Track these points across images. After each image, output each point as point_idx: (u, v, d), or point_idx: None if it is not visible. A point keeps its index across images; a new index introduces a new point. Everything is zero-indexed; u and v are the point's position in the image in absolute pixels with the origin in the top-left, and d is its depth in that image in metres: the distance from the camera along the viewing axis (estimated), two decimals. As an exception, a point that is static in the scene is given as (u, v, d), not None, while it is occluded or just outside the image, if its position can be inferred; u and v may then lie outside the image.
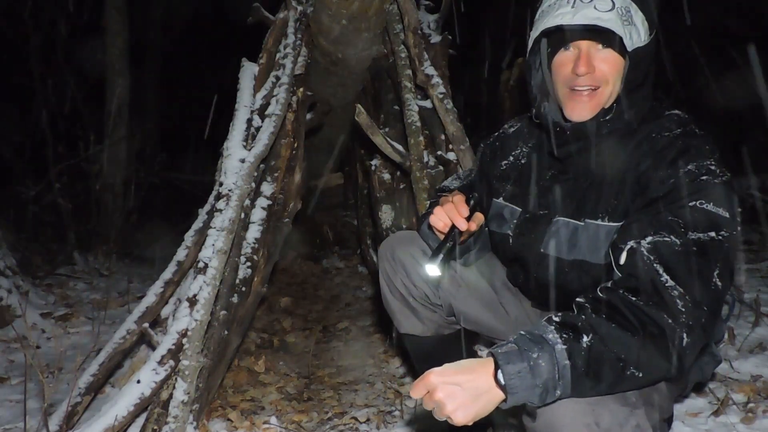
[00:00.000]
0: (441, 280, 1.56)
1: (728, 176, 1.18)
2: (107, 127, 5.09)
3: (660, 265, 1.09)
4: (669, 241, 1.11)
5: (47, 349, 2.78)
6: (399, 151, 2.56)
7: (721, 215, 1.13)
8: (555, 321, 1.06)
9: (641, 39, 1.22)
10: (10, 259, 3.34)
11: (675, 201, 1.16)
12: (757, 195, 3.86)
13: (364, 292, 3.60)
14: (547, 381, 1.00)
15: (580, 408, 1.04)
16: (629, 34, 1.20)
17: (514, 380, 1.00)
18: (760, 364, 2.02)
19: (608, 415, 1.04)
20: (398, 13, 2.77)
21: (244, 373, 2.43)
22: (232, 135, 2.37)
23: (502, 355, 1.01)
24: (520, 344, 1.02)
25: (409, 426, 1.93)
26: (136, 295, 3.40)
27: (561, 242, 1.35)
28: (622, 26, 1.19)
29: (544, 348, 1.01)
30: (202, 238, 2.23)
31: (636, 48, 1.22)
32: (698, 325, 1.06)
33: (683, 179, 1.16)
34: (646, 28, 1.23)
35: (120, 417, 1.80)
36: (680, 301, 1.06)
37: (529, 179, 1.47)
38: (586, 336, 1.02)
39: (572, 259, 1.33)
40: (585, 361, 1.01)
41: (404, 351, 2.48)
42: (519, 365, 1.00)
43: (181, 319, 1.96)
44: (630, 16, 1.20)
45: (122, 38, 5.09)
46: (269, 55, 2.70)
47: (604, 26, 1.19)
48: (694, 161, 1.18)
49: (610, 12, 1.19)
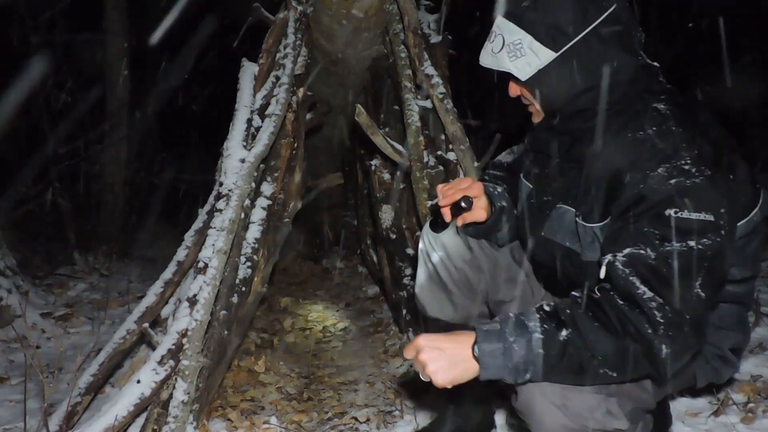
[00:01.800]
0: (471, 269, 1.59)
1: (707, 174, 1.10)
2: (107, 127, 5.09)
3: (636, 277, 1.08)
4: (644, 253, 1.09)
5: (47, 349, 2.78)
6: (399, 151, 2.56)
7: (701, 220, 1.08)
8: (543, 310, 1.12)
9: (540, 60, 1.22)
10: (10, 259, 3.34)
11: (649, 209, 1.11)
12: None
13: (364, 292, 3.60)
14: (518, 364, 1.08)
15: (552, 390, 1.11)
16: (518, 68, 1.24)
17: (486, 358, 1.09)
18: (760, 364, 2.02)
19: (579, 399, 1.11)
20: (398, 13, 2.77)
21: (244, 373, 2.43)
22: (232, 135, 2.37)
23: (482, 332, 1.11)
24: (503, 325, 1.11)
25: (409, 426, 1.93)
26: (136, 295, 3.40)
27: (560, 226, 1.37)
28: (510, 62, 1.24)
29: (522, 334, 1.09)
30: (202, 238, 2.23)
31: (538, 71, 1.23)
32: (680, 335, 1.06)
33: (652, 185, 1.11)
34: (546, 48, 1.21)
35: (120, 417, 1.80)
36: (659, 312, 1.06)
37: (542, 162, 1.47)
38: (566, 330, 1.08)
39: (562, 244, 1.37)
40: (558, 354, 1.07)
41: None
42: (494, 345, 1.09)
43: (181, 319, 1.96)
44: (519, 48, 1.23)
45: (122, 38, 5.09)
46: (269, 55, 2.70)
47: (493, 68, 1.28)
48: (666, 163, 1.12)
49: (501, 51, 1.25)
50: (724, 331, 1.36)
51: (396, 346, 2.61)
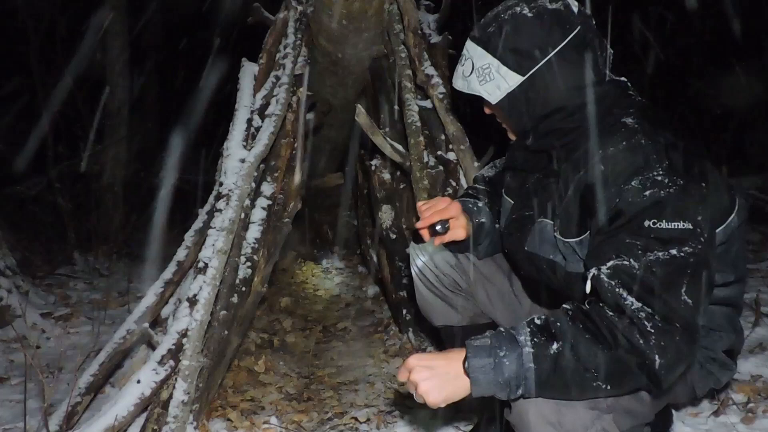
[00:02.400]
0: (457, 270, 1.63)
1: (680, 184, 1.11)
2: (107, 127, 5.09)
3: (623, 288, 1.08)
4: (628, 264, 1.09)
5: (47, 349, 2.78)
6: (399, 151, 2.56)
7: (680, 228, 1.09)
8: (534, 323, 1.10)
9: (509, 84, 1.24)
10: (10, 259, 3.34)
11: (627, 222, 1.12)
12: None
13: (364, 292, 3.60)
14: (509, 379, 1.06)
15: (547, 407, 1.08)
16: (488, 92, 1.27)
17: (477, 374, 1.07)
18: (760, 364, 2.02)
19: (573, 416, 1.08)
20: (398, 13, 2.77)
21: (244, 373, 2.43)
22: (232, 135, 2.37)
23: (472, 347, 1.09)
24: (493, 340, 1.08)
25: (409, 426, 1.93)
26: (136, 295, 3.40)
27: (540, 240, 1.37)
28: (480, 86, 1.28)
29: (513, 348, 1.07)
30: (202, 238, 2.23)
31: (507, 94, 1.25)
32: (672, 345, 1.05)
33: (626, 198, 1.12)
34: (517, 69, 1.23)
35: (120, 417, 1.80)
36: (648, 322, 1.05)
37: (521, 178, 1.50)
38: (557, 343, 1.06)
39: (530, 252, 1.38)
40: (550, 367, 1.05)
41: (405, 351, 2.48)
42: (485, 360, 1.07)
43: (181, 319, 1.96)
44: (488, 72, 1.26)
45: (122, 38, 5.08)
46: (269, 55, 2.70)
47: (464, 92, 1.32)
48: (638, 176, 1.13)
49: (470, 75, 1.29)
50: (717, 333, 1.35)
51: (396, 346, 2.61)
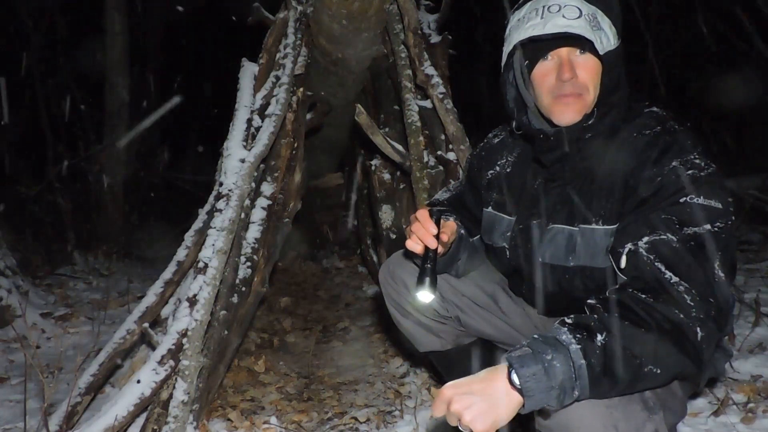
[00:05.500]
0: (436, 299, 1.52)
1: (713, 168, 1.18)
2: (107, 127, 5.09)
3: (661, 263, 1.09)
4: (666, 238, 1.11)
5: (47, 349, 2.78)
6: (399, 151, 2.56)
7: (714, 207, 1.14)
8: (568, 323, 1.04)
9: (611, 43, 1.26)
10: (10, 259, 3.34)
11: (665, 198, 1.16)
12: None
13: (364, 292, 3.60)
14: (563, 382, 0.98)
15: (597, 411, 1.02)
16: (599, 39, 1.24)
17: (529, 383, 0.98)
18: (760, 364, 2.02)
19: (625, 418, 1.03)
20: (398, 13, 2.77)
21: (244, 373, 2.43)
22: (232, 135, 2.37)
23: (515, 358, 1.00)
24: (534, 347, 1.01)
25: (409, 426, 1.93)
26: (136, 295, 3.40)
27: (558, 250, 1.34)
28: (592, 32, 1.23)
29: (558, 349, 1.00)
30: (202, 238, 2.23)
31: (608, 51, 1.25)
32: (709, 318, 1.06)
33: (670, 176, 1.17)
34: (614, 33, 1.27)
35: (120, 417, 1.80)
36: (687, 296, 1.06)
37: (518, 189, 1.47)
38: (600, 335, 1.01)
39: (573, 265, 1.32)
40: (601, 360, 1.00)
41: (404, 351, 2.48)
42: (533, 368, 0.98)
43: (181, 319, 1.96)
44: (597, 22, 1.24)
45: (122, 38, 5.09)
46: (269, 55, 2.70)
47: (574, 33, 1.22)
48: (678, 157, 1.19)
49: (579, 19, 1.23)
50: None
51: (396, 346, 2.61)
